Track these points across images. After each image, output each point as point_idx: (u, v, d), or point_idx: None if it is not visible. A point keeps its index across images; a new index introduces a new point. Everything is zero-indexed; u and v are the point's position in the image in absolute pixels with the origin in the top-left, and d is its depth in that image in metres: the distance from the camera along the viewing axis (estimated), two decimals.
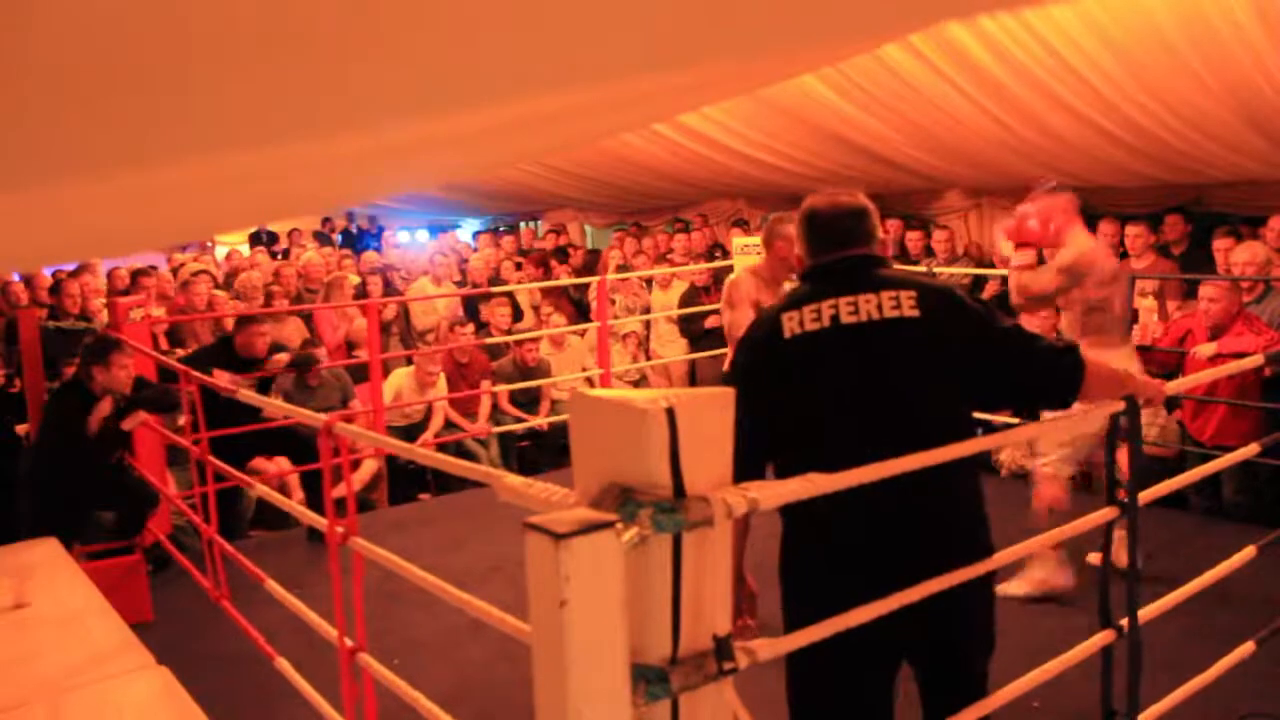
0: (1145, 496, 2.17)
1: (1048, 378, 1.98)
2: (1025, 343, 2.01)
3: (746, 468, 1.71)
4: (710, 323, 6.96)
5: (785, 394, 1.96)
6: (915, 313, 1.92)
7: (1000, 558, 1.94)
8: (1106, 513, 2.10)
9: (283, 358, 5.24)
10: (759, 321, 2.05)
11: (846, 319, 1.93)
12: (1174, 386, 2.38)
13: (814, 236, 2.06)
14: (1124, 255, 6.08)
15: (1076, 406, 2.03)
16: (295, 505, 3.09)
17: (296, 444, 5.31)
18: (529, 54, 1.07)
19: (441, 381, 6.43)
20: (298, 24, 0.83)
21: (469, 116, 1.33)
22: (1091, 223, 6.77)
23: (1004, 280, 6.45)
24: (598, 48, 1.10)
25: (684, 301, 7.41)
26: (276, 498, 3.29)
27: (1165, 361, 5.11)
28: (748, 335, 2.06)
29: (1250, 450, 2.66)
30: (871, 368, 1.92)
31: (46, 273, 6.89)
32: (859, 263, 2.02)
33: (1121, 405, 2.01)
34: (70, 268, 7.23)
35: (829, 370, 1.94)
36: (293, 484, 5.34)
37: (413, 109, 1.18)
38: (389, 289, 7.94)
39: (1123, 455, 2.18)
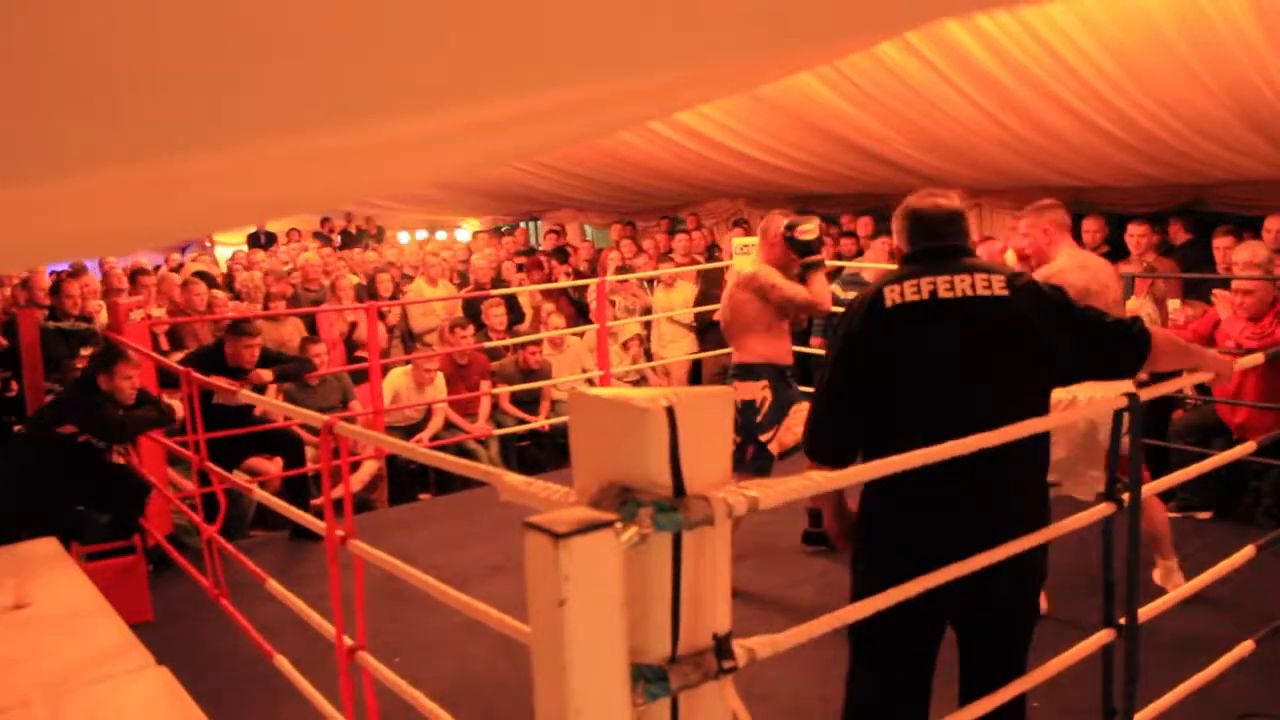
0: (1144, 491, 2.17)
1: (1118, 345, 2.20)
2: (1096, 317, 2.25)
3: (840, 445, 2.20)
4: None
5: (885, 356, 2.18)
6: (1005, 292, 2.15)
7: (988, 555, 1.94)
8: (1104, 508, 2.10)
9: (266, 374, 5.20)
10: (863, 294, 2.27)
11: (944, 294, 2.15)
12: (1245, 362, 2.48)
13: (915, 228, 2.30)
14: (1124, 255, 6.08)
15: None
16: (293, 509, 3.09)
17: (290, 443, 5.31)
18: (526, 52, 1.07)
19: (440, 382, 6.44)
20: (294, 22, 0.83)
21: (466, 114, 1.33)
22: (1078, 221, 6.80)
23: None
24: (594, 45, 1.11)
25: (700, 299, 7.40)
26: (274, 501, 3.28)
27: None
28: (853, 305, 2.29)
29: (1247, 448, 2.66)
30: (965, 336, 2.14)
31: (47, 273, 6.89)
32: (954, 250, 2.26)
33: (1124, 401, 2.02)
34: (72, 268, 7.23)
35: (927, 336, 2.16)
36: (277, 483, 5.33)
37: (410, 107, 1.18)
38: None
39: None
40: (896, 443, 1.62)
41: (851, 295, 6.58)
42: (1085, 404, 2.24)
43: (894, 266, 2.27)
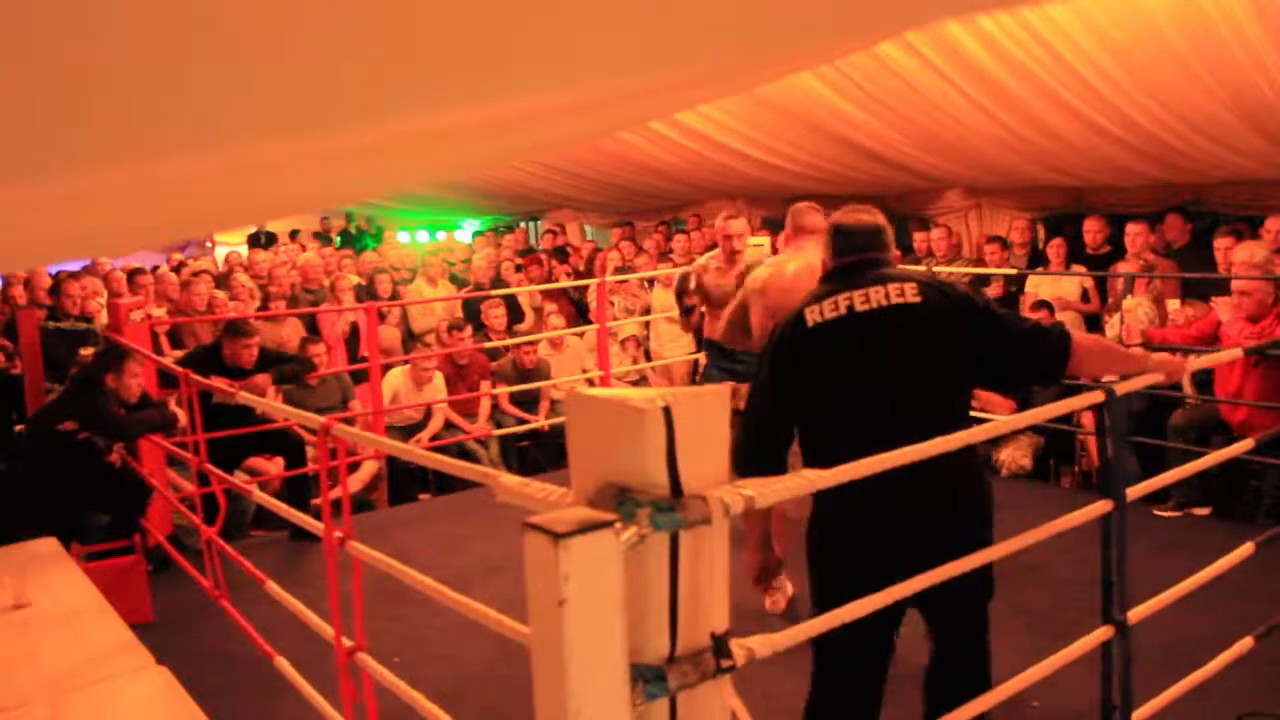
0: (1136, 491, 2.17)
1: (1033, 349, 2.29)
2: (1012, 321, 2.37)
3: (763, 451, 2.35)
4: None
5: (812, 373, 2.32)
6: (916, 299, 2.28)
7: (988, 554, 1.95)
8: (1101, 505, 2.10)
9: (263, 380, 5.20)
10: (787, 316, 2.40)
11: (860, 307, 2.30)
12: (1200, 362, 2.47)
13: (838, 242, 2.45)
14: (1123, 254, 6.09)
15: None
16: (292, 510, 3.09)
17: (291, 443, 5.31)
18: (526, 52, 1.07)
19: (439, 381, 6.44)
20: (293, 22, 0.84)
21: (466, 114, 1.33)
22: (1078, 221, 6.81)
23: (1006, 280, 6.48)
24: (594, 44, 1.11)
25: None
26: (273, 503, 3.28)
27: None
28: (777, 327, 2.43)
29: (1244, 445, 2.66)
30: (886, 345, 2.28)
31: (50, 272, 6.89)
32: (872, 262, 2.39)
33: (1101, 396, 2.03)
34: (73, 268, 7.24)
35: (849, 350, 2.30)
36: (277, 483, 5.34)
37: (410, 107, 1.18)
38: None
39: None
40: (834, 450, 1.71)
41: None
42: (1062, 401, 2.26)
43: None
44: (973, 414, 2.57)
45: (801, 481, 1.32)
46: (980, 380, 2.48)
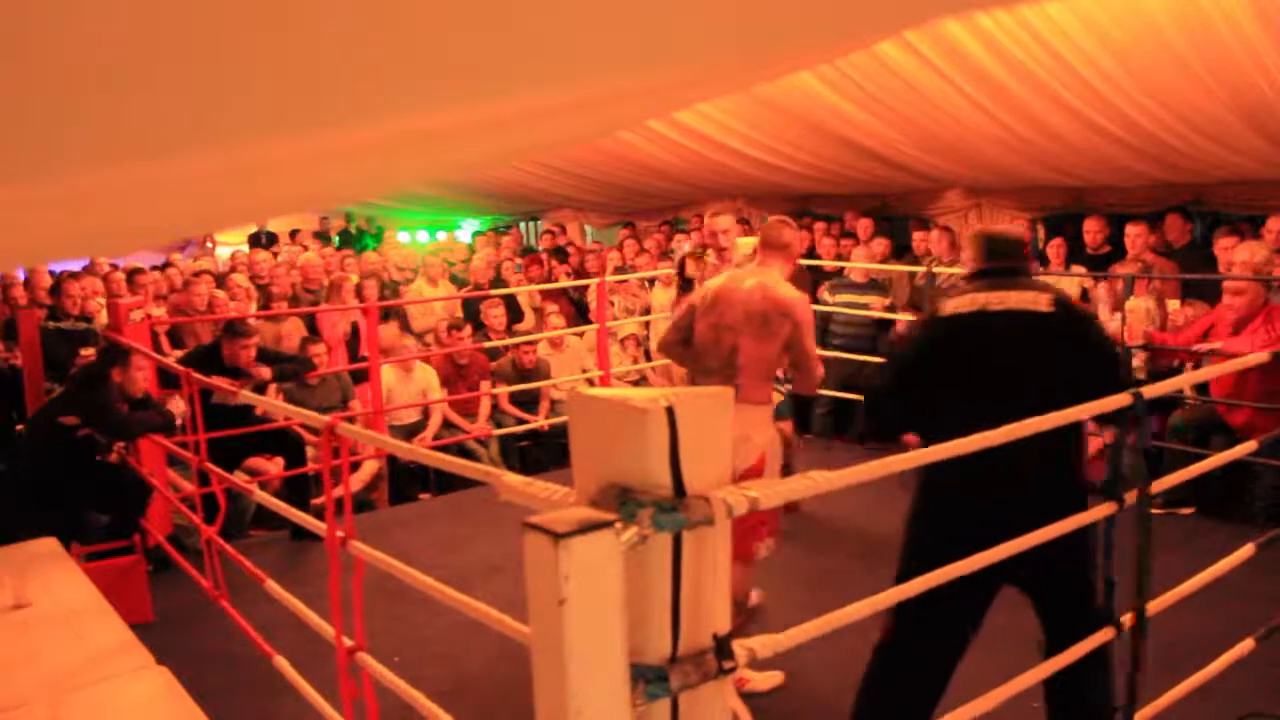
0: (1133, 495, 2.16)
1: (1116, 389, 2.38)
2: (1115, 359, 2.64)
3: (887, 424, 2.77)
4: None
5: (938, 358, 2.56)
6: (1048, 309, 2.49)
7: (988, 554, 1.95)
8: (1106, 508, 2.10)
9: (265, 370, 5.21)
10: (930, 307, 2.72)
11: (993, 308, 2.52)
12: (1227, 367, 2.76)
13: (984, 249, 2.67)
14: (1123, 254, 6.08)
15: None
16: (292, 510, 3.09)
17: (291, 443, 5.31)
18: (524, 51, 1.07)
19: (433, 377, 6.45)
20: (292, 21, 0.83)
21: (464, 113, 1.33)
22: (1078, 221, 6.81)
23: None
24: (592, 43, 1.10)
25: None
26: (273, 502, 3.28)
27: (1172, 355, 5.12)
28: (919, 317, 2.72)
29: (1249, 447, 2.65)
30: (1003, 346, 2.50)
31: (52, 272, 6.89)
32: (1012, 270, 2.61)
33: (1129, 399, 2.03)
34: (73, 268, 7.24)
35: (972, 344, 2.53)
36: (277, 483, 5.34)
37: (409, 106, 1.18)
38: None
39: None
40: (946, 432, 1.81)
41: (843, 298, 6.61)
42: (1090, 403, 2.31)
43: (887, 267, 2.44)
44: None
45: (805, 484, 1.32)
46: (1082, 394, 2.47)
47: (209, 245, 12.15)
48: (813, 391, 3.74)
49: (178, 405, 4.70)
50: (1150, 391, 2.12)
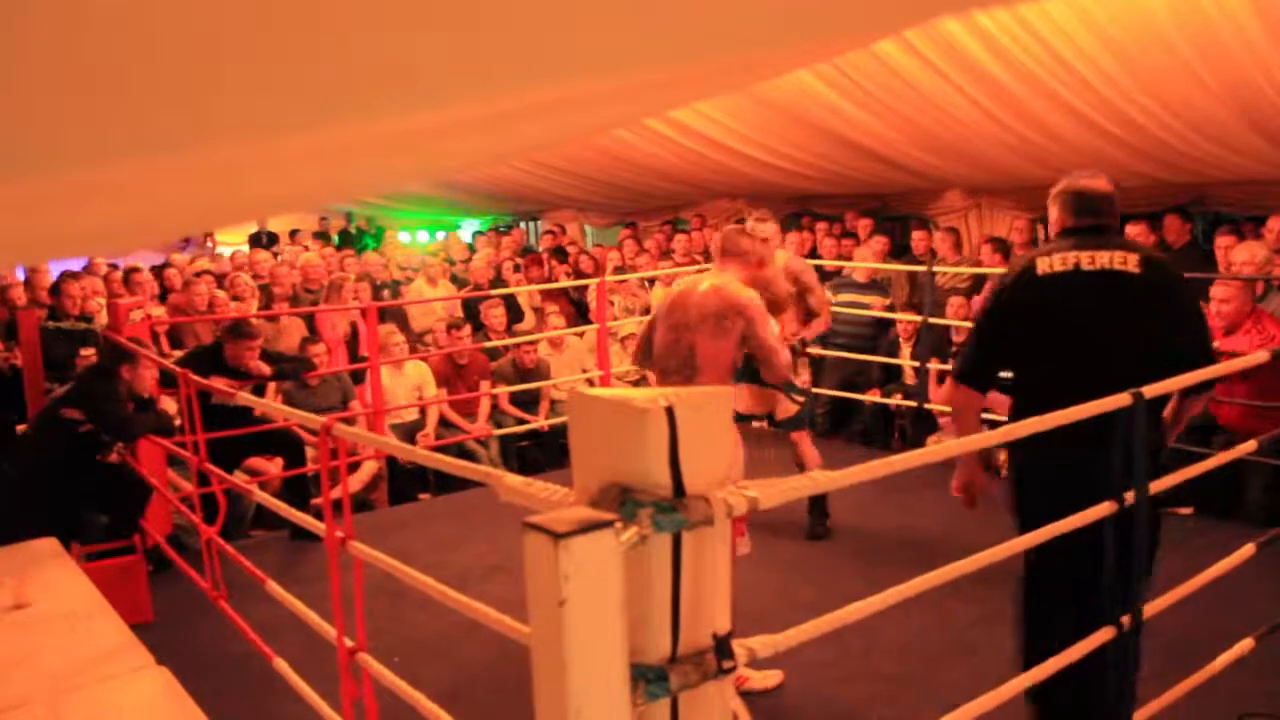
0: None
1: (1195, 352, 2.52)
2: (1201, 319, 2.70)
3: (979, 373, 2.75)
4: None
5: (1033, 315, 2.63)
6: (1137, 269, 2.56)
7: (988, 554, 1.95)
8: (1105, 507, 2.10)
9: (264, 365, 5.21)
10: (1017, 262, 2.74)
11: (1086, 266, 2.58)
12: (1232, 366, 2.64)
13: (1076, 204, 2.70)
14: None
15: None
16: (292, 510, 3.09)
17: (291, 443, 5.31)
18: (522, 49, 1.07)
19: (427, 372, 6.45)
20: (291, 19, 0.83)
21: (463, 112, 1.33)
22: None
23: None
24: (590, 42, 1.10)
25: None
26: (273, 502, 3.28)
27: None
28: (1009, 272, 2.75)
29: (1249, 447, 2.65)
30: (1100, 302, 2.57)
31: (53, 273, 6.90)
32: (1103, 228, 2.66)
33: (1129, 400, 2.03)
34: (73, 268, 7.24)
35: (1069, 302, 2.59)
36: (276, 483, 5.34)
37: (408, 105, 1.18)
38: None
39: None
40: (1041, 386, 2.06)
41: (843, 298, 6.61)
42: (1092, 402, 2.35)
43: (885, 266, 2.43)
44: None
45: (805, 483, 1.32)
46: (1169, 348, 2.61)
47: (209, 245, 12.16)
48: (781, 379, 3.85)
49: (170, 405, 4.70)
50: (1150, 391, 2.12)
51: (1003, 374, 2.78)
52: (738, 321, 3.49)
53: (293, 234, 12.12)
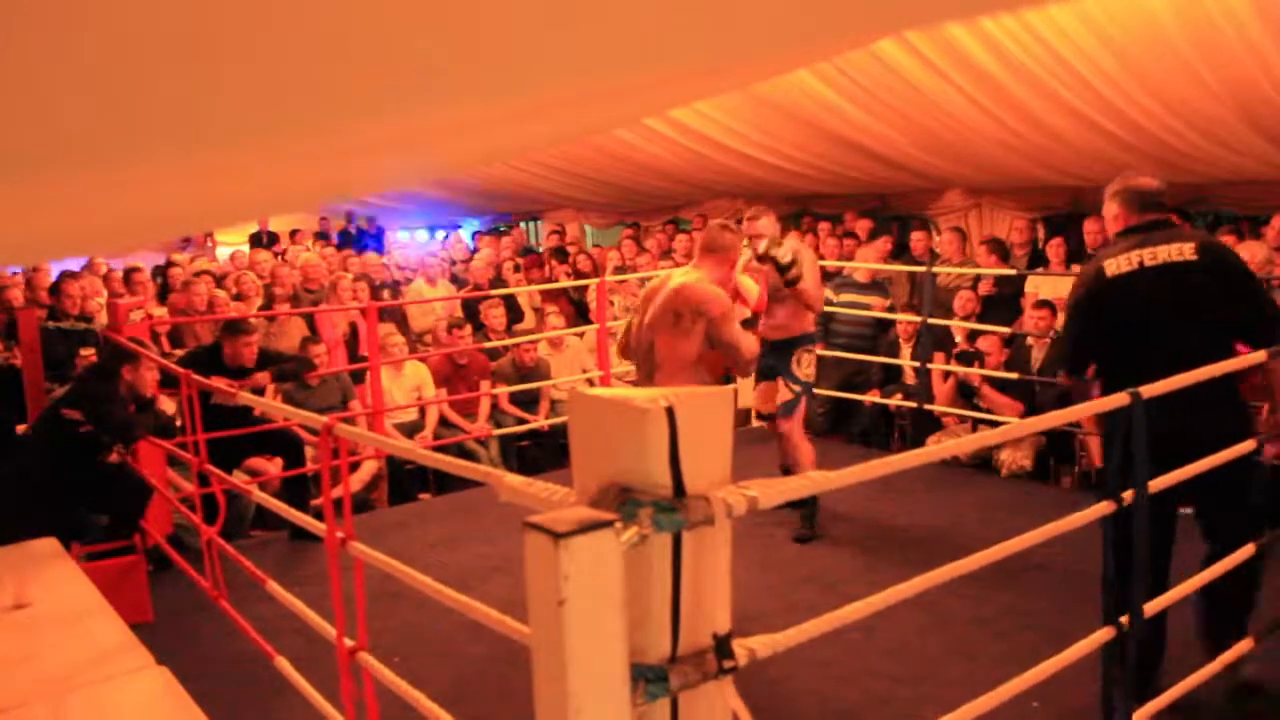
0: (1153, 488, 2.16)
1: (1266, 324, 2.84)
2: (1262, 295, 2.95)
3: (1075, 363, 3.08)
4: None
5: (1109, 312, 2.95)
6: (1194, 257, 2.86)
7: (988, 554, 1.95)
8: (1103, 507, 2.10)
9: (263, 378, 5.21)
10: (1090, 265, 3.06)
11: (1149, 262, 2.88)
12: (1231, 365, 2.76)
13: (1136, 201, 3.00)
14: None
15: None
16: (293, 510, 3.09)
17: (291, 443, 5.31)
18: (521, 50, 1.07)
19: (425, 372, 6.44)
20: (290, 21, 0.83)
21: (462, 111, 1.33)
22: (1078, 221, 6.80)
23: (996, 280, 6.49)
24: (589, 42, 1.10)
25: None
26: (273, 502, 3.28)
27: None
28: (1083, 275, 3.07)
29: (1248, 446, 2.65)
30: (1167, 294, 2.86)
31: (52, 273, 6.90)
32: (1160, 223, 2.97)
33: (1127, 399, 2.03)
34: (74, 267, 7.24)
35: (1139, 297, 2.88)
36: (276, 483, 5.34)
37: (405, 104, 1.18)
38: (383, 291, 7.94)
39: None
40: (1124, 372, 2.32)
41: (845, 298, 6.61)
42: (1090, 402, 2.45)
43: (885, 267, 2.48)
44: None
45: (804, 482, 1.32)
46: (1234, 330, 2.93)
47: (209, 245, 12.16)
48: (746, 374, 3.98)
49: (169, 406, 4.69)
50: (1149, 391, 2.12)
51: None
52: (698, 321, 3.54)
53: (293, 234, 12.12)
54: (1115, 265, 2.93)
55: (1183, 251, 2.88)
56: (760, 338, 4.17)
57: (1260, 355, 2.59)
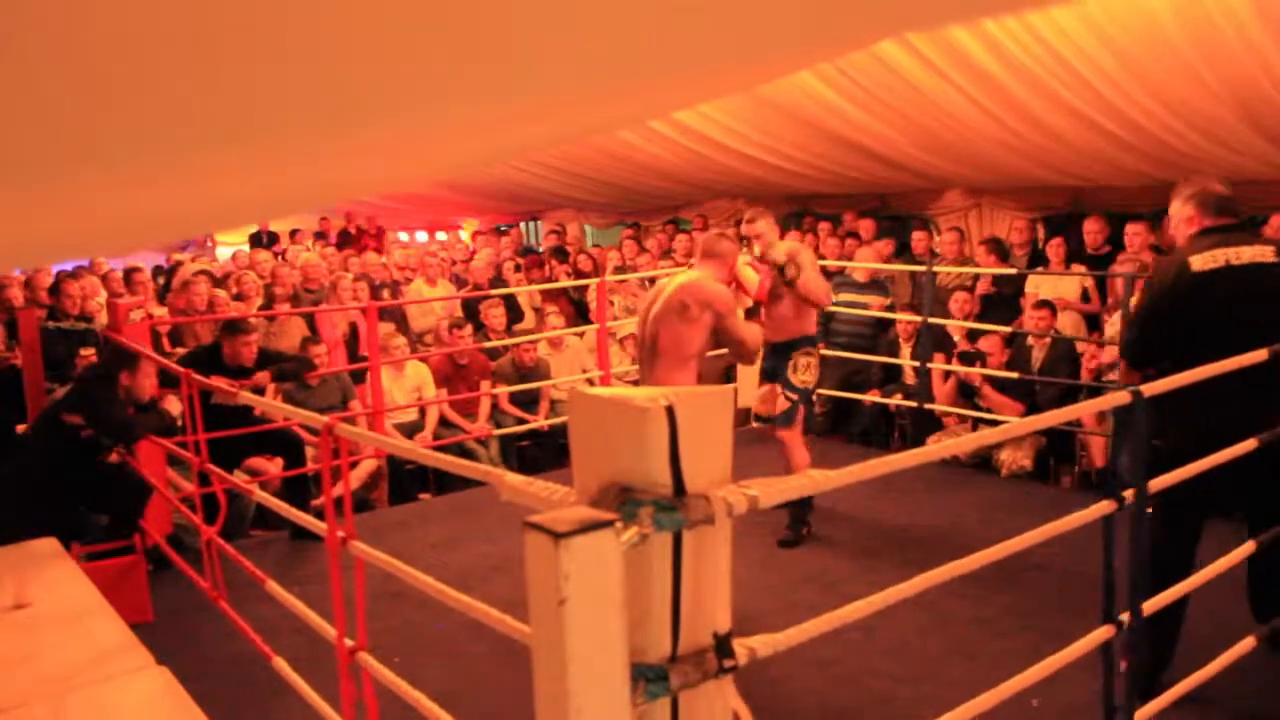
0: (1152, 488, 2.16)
1: None
2: None
3: (1141, 354, 3.16)
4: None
5: (1191, 306, 3.00)
6: (1276, 259, 3.01)
7: (988, 554, 1.95)
8: (1104, 506, 2.10)
9: (263, 378, 5.21)
10: (1172, 260, 3.13)
11: (1234, 261, 2.99)
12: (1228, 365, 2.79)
13: (1212, 205, 3.11)
14: (1122, 252, 6.08)
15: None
16: (293, 510, 3.09)
17: (291, 443, 5.31)
18: (520, 50, 1.07)
19: (427, 373, 6.44)
20: (290, 24, 0.84)
21: (462, 111, 1.33)
22: (1078, 221, 6.80)
23: (995, 280, 6.49)
24: (589, 43, 1.10)
25: None
26: (274, 502, 3.28)
27: None
28: (1163, 271, 3.14)
29: (1248, 445, 2.65)
30: (1249, 292, 2.97)
31: (52, 273, 6.90)
32: (1238, 225, 3.15)
33: (1128, 398, 2.03)
34: (71, 268, 7.24)
35: (1222, 293, 2.97)
36: (276, 483, 5.34)
37: (405, 104, 1.18)
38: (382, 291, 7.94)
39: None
40: (1196, 362, 2.29)
41: (844, 298, 6.62)
42: (1090, 401, 2.50)
43: (885, 267, 2.46)
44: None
45: (805, 482, 1.32)
46: None
47: (209, 245, 12.16)
48: (750, 363, 4.22)
49: (174, 405, 4.69)
50: (1149, 390, 2.12)
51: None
52: (705, 314, 3.73)
53: (293, 234, 12.12)
54: (1200, 261, 3.01)
55: (1264, 254, 3.01)
56: (762, 327, 4.31)
57: None
